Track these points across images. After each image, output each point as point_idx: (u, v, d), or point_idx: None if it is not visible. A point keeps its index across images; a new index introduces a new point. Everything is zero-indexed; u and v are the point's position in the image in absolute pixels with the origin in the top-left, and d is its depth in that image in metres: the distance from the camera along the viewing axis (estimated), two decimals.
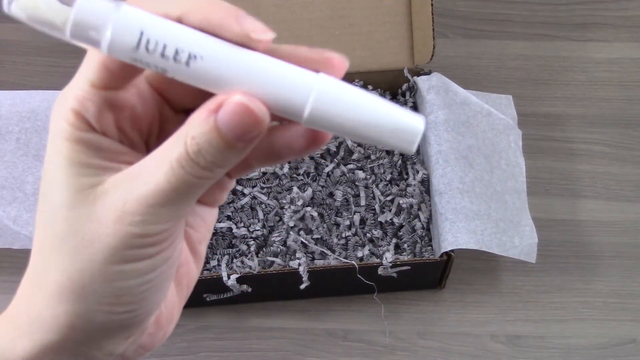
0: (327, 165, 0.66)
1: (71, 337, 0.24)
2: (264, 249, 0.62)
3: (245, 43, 0.22)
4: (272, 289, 0.62)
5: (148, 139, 0.26)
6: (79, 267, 0.23)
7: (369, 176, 0.66)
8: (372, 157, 0.67)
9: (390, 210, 0.64)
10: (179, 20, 0.22)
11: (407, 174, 0.67)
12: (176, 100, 0.26)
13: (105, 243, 0.23)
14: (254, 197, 0.65)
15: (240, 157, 0.23)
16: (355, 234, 0.64)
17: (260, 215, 0.64)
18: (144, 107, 0.25)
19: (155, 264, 0.24)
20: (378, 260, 0.60)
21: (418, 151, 0.68)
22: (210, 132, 0.22)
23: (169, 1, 0.23)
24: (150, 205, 0.23)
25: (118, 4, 0.22)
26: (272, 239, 0.62)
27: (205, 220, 0.29)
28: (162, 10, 0.22)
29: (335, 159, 0.67)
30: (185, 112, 0.27)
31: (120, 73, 0.23)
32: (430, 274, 0.63)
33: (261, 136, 0.23)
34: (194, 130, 0.22)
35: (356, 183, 0.66)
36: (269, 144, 0.25)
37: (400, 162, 0.67)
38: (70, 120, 0.23)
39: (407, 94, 0.70)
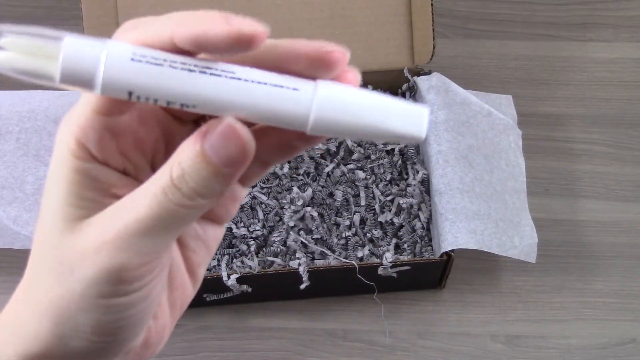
0: (327, 165, 0.66)
1: (51, 353, 0.24)
2: (264, 249, 0.62)
3: (238, 42, 0.21)
4: (272, 289, 0.62)
5: (154, 158, 0.26)
6: (60, 294, 0.23)
7: (369, 176, 0.66)
8: (372, 157, 0.67)
9: (390, 210, 0.64)
10: (171, 41, 0.22)
11: (407, 174, 0.67)
12: (181, 113, 0.26)
13: (84, 274, 0.23)
14: (254, 197, 0.65)
15: (225, 188, 0.23)
16: (355, 234, 0.64)
17: (260, 215, 0.64)
18: (146, 128, 0.25)
19: (133, 302, 0.23)
20: (378, 260, 0.60)
21: (418, 151, 0.68)
22: (196, 157, 0.22)
23: (159, 22, 0.22)
24: (130, 236, 0.22)
25: (103, 48, 0.21)
26: (272, 239, 0.62)
27: (208, 242, 0.28)
28: (154, 34, 0.22)
29: (335, 159, 0.67)
30: (194, 122, 0.26)
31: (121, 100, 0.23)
32: (430, 274, 0.63)
33: (246, 164, 0.22)
34: (182, 156, 0.22)
35: (356, 183, 0.66)
36: (282, 138, 0.25)
37: (400, 162, 0.67)
38: (72, 148, 0.23)
39: (407, 94, 0.70)
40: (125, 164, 0.25)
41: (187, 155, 0.22)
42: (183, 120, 0.26)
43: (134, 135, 0.24)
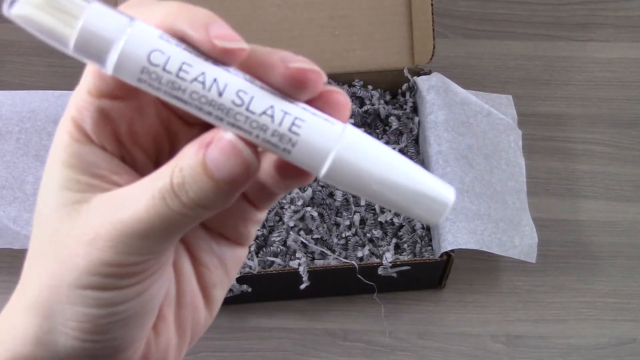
0: None
1: (38, 354, 0.24)
2: (264, 249, 0.62)
3: (212, 53, 0.21)
4: (272, 289, 0.62)
5: (158, 155, 0.25)
6: (50, 284, 0.23)
7: None
8: None
9: (390, 210, 0.64)
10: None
11: None
12: (185, 114, 0.25)
13: (76, 264, 0.22)
14: None
15: (226, 203, 0.22)
16: (355, 234, 0.64)
17: None
18: (143, 121, 0.24)
19: (123, 298, 0.23)
20: (378, 260, 0.60)
21: (418, 151, 0.68)
22: (197, 167, 0.21)
23: (148, 10, 0.22)
24: (124, 234, 0.22)
25: (128, 25, 0.21)
26: (272, 239, 0.62)
27: (224, 262, 0.26)
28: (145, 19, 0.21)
29: None
30: (201, 125, 0.25)
31: (113, 81, 0.22)
32: (430, 274, 0.63)
33: (249, 182, 0.21)
34: (183, 162, 0.21)
35: None
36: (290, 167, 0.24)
37: None
38: (69, 130, 0.23)
39: (407, 94, 0.70)
40: (122, 151, 0.24)
41: (188, 163, 0.21)
42: (189, 122, 0.25)
43: (128, 124, 0.24)
